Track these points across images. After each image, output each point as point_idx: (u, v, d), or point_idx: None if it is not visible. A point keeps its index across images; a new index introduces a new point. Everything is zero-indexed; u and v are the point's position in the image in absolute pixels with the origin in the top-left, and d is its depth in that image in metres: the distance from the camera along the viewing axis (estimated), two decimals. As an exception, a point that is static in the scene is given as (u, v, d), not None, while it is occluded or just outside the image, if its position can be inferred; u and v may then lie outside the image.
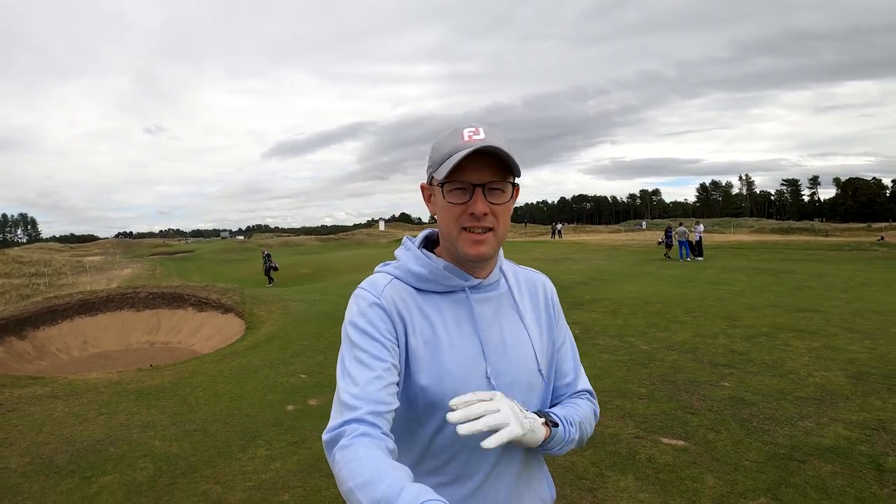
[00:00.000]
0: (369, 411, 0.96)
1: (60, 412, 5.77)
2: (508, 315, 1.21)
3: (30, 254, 44.97)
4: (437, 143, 1.16)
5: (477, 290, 1.18)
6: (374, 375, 1.01)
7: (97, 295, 14.51)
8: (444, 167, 1.07)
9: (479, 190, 1.08)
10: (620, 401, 5.13)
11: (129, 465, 4.26)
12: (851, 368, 5.78)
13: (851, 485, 3.43)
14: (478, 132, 1.10)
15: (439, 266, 1.16)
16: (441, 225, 1.15)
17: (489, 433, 0.95)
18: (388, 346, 1.06)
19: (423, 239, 1.27)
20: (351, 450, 0.89)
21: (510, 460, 1.15)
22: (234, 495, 3.66)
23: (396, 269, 1.20)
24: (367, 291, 1.14)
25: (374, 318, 1.09)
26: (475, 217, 1.08)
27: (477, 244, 1.10)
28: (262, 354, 8.27)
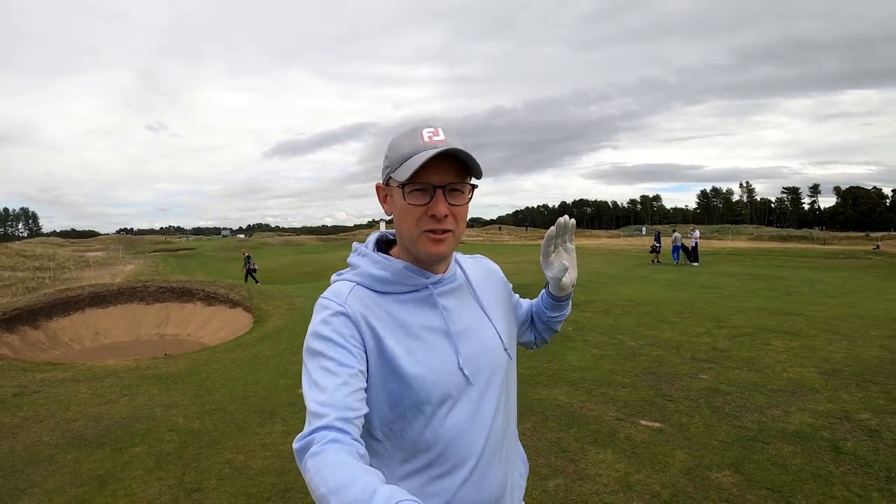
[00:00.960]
0: (338, 417, 0.96)
1: (84, 394, 6.18)
2: (469, 303, 1.26)
3: (32, 248, 45.16)
4: (394, 142, 1.16)
5: (438, 284, 1.21)
6: (340, 382, 1.01)
7: (108, 288, 14.94)
8: (406, 168, 1.08)
9: (440, 191, 1.09)
10: (605, 389, 5.53)
11: (156, 438, 4.67)
12: (825, 366, 6.14)
13: (809, 464, 3.78)
14: (437, 132, 1.11)
15: (399, 267, 1.17)
16: (400, 226, 1.17)
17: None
18: (354, 352, 1.07)
19: (374, 242, 1.29)
20: (321, 457, 0.90)
21: (496, 441, 1.20)
22: (255, 462, 4.08)
23: (357, 276, 1.20)
24: (329, 300, 1.14)
25: (339, 325, 1.09)
26: (436, 219, 1.10)
27: (437, 243, 1.13)
28: (271, 345, 8.68)
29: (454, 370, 1.14)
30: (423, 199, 1.10)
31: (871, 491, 3.41)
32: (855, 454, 3.92)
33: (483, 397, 1.18)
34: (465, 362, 1.16)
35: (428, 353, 1.13)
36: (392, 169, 1.13)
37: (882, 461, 3.80)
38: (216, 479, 3.84)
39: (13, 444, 4.66)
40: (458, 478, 1.12)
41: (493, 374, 1.21)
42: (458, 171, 1.11)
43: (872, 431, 4.31)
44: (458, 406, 1.13)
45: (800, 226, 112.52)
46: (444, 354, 1.15)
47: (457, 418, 1.13)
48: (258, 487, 3.69)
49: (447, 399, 1.12)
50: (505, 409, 1.25)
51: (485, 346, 1.21)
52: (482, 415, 1.17)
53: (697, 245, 22.30)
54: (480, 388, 1.17)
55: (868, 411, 4.74)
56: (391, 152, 1.15)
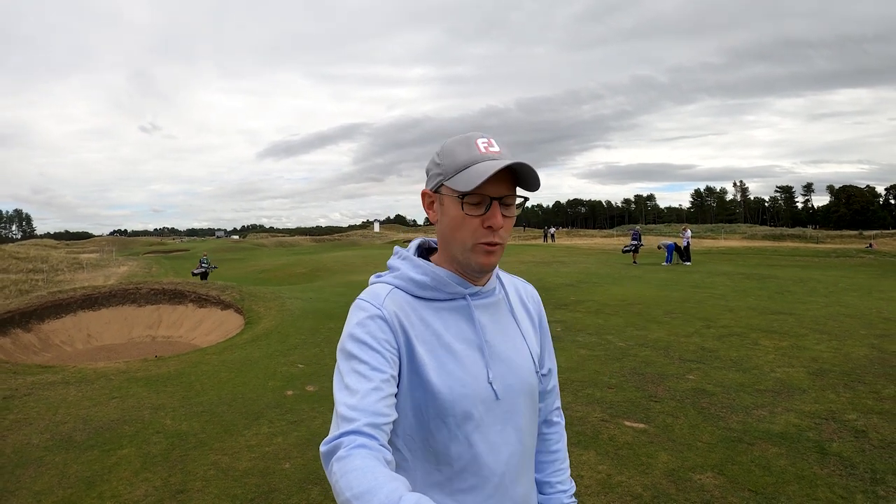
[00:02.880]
0: (367, 423, 0.95)
1: (74, 396, 6.18)
2: (506, 321, 1.24)
3: (26, 250, 44.91)
4: (446, 149, 1.15)
5: (476, 296, 1.20)
6: (371, 387, 1.01)
7: (100, 290, 14.90)
8: (467, 179, 1.07)
9: (496, 203, 1.09)
10: (591, 389, 5.57)
11: (143, 440, 4.70)
12: (813, 366, 6.15)
13: (794, 465, 3.81)
14: (491, 143, 1.12)
15: (441, 274, 1.17)
16: (452, 235, 1.15)
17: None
18: (387, 357, 1.06)
19: (416, 247, 1.29)
20: (348, 461, 0.89)
21: (520, 461, 1.19)
22: (241, 464, 4.11)
23: (396, 279, 1.19)
24: (367, 302, 1.13)
25: (375, 329, 1.08)
26: (492, 230, 1.10)
27: (489, 255, 1.12)
28: (261, 347, 8.68)
29: (483, 384, 1.13)
30: (480, 210, 1.10)
31: (855, 493, 3.43)
32: (840, 455, 3.93)
33: (510, 415, 1.17)
34: (496, 378, 1.15)
35: (458, 364, 1.12)
36: (446, 177, 1.12)
37: (867, 462, 3.81)
38: (201, 480, 3.87)
39: (2, 447, 4.68)
40: (480, 494, 1.12)
41: (523, 392, 1.20)
42: (511, 184, 1.12)
43: (859, 432, 4.32)
44: (484, 421, 1.12)
45: (793, 224, 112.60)
46: (475, 368, 1.13)
47: (482, 434, 1.12)
48: (242, 489, 3.72)
49: (473, 413, 1.11)
50: (532, 429, 1.25)
51: (517, 364, 1.20)
52: (508, 433, 1.16)
53: (689, 244, 22.38)
54: (508, 405, 1.16)
55: (855, 411, 4.76)
56: (444, 159, 1.14)
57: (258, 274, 28.22)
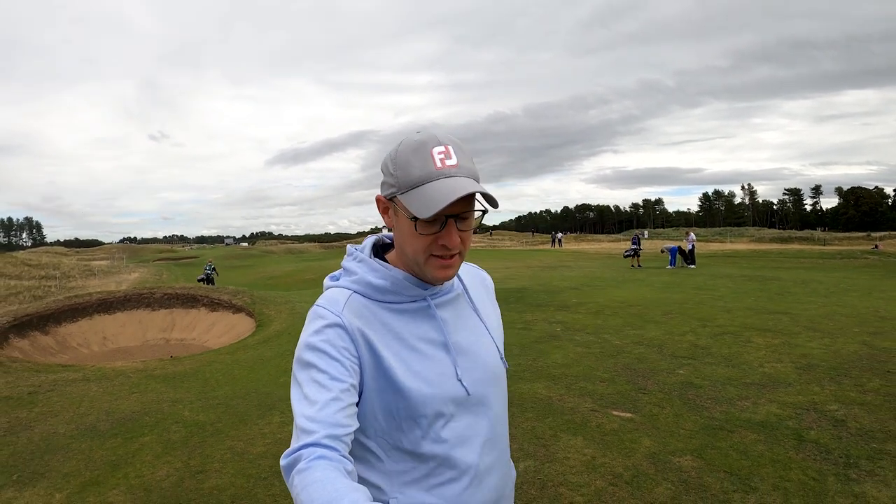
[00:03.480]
0: (326, 434, 0.95)
1: (95, 392, 6.53)
2: (467, 313, 1.25)
3: (38, 257, 45.48)
4: (400, 157, 1.08)
5: (436, 296, 1.20)
6: (331, 397, 0.99)
7: (115, 295, 15.34)
8: (421, 203, 1.03)
9: (453, 221, 1.06)
10: (584, 383, 5.83)
11: (163, 429, 5.03)
12: (802, 361, 6.33)
13: (770, 450, 4.02)
14: (448, 154, 1.06)
15: (399, 277, 1.15)
16: (405, 247, 1.13)
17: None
18: (347, 365, 1.04)
19: (371, 247, 1.26)
20: (308, 473, 0.89)
21: (492, 450, 1.20)
22: (255, 449, 4.44)
23: (354, 283, 1.17)
24: (325, 310, 1.11)
25: (333, 337, 1.06)
26: (445, 248, 1.08)
27: (445, 269, 1.11)
28: (273, 347, 9.03)
29: (452, 382, 1.13)
30: (433, 227, 1.06)
31: (827, 475, 3.61)
32: (817, 442, 4.12)
33: (481, 407, 1.18)
34: (464, 374, 1.15)
35: (425, 365, 1.12)
36: (399, 190, 1.08)
37: (843, 448, 3.99)
38: (219, 462, 4.20)
39: (31, 436, 5.01)
40: (457, 487, 1.12)
41: (492, 383, 1.21)
42: (470, 200, 1.07)
43: (838, 421, 4.50)
44: (455, 417, 1.13)
45: (802, 227, 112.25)
46: (442, 366, 1.14)
47: (454, 430, 1.13)
48: (257, 469, 4.05)
49: (444, 411, 1.12)
50: (503, 416, 1.26)
51: (482, 356, 1.21)
52: (480, 425, 1.17)
53: (694, 248, 22.58)
54: (479, 398, 1.17)
55: (837, 403, 4.92)
56: (398, 171, 1.08)
57: (267, 280, 28.65)
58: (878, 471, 3.66)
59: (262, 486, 3.80)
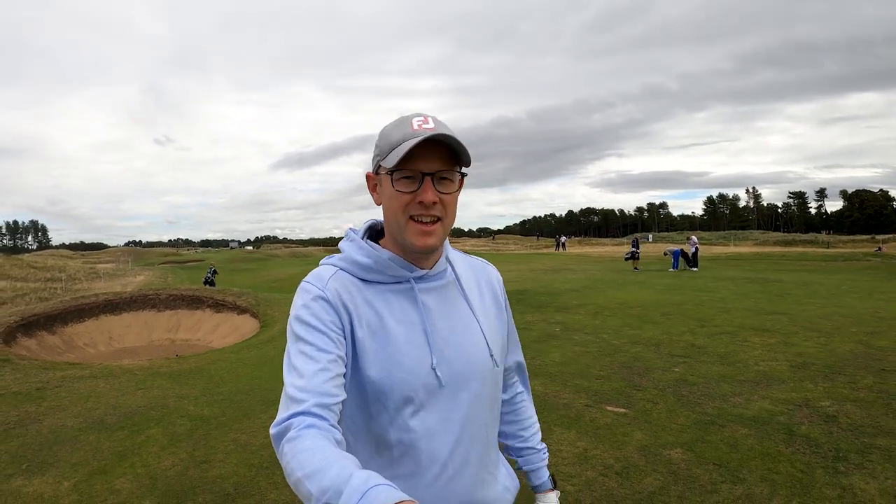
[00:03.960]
0: (315, 403, 0.96)
1: (102, 388, 6.67)
2: (456, 304, 1.22)
3: (43, 260, 45.58)
4: (384, 130, 1.14)
5: (422, 280, 1.19)
6: (319, 367, 1.01)
7: (121, 296, 15.55)
8: (394, 155, 1.07)
9: (429, 179, 1.08)
10: (580, 380, 5.94)
11: (169, 422, 5.17)
12: (797, 360, 6.43)
13: (760, 444, 4.11)
14: (427, 121, 1.09)
15: (384, 256, 1.15)
16: (387, 214, 1.15)
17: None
18: (333, 337, 1.06)
19: (366, 229, 1.27)
20: (298, 441, 0.90)
21: (467, 450, 1.17)
22: (257, 440, 4.59)
23: (342, 261, 1.19)
24: (311, 284, 1.14)
25: (319, 310, 1.09)
26: (424, 205, 1.08)
27: (425, 235, 1.11)
28: (276, 346, 9.18)
29: (426, 370, 1.11)
30: (412, 186, 1.09)
31: (815, 468, 3.68)
32: (808, 437, 4.19)
33: (456, 402, 1.14)
34: (440, 363, 1.13)
35: (399, 348, 1.11)
36: (381, 157, 1.12)
37: (833, 443, 4.06)
38: (222, 453, 4.34)
39: (40, 428, 5.16)
40: (421, 482, 1.11)
41: (473, 379, 1.17)
42: (447, 159, 1.10)
43: (829, 417, 4.57)
44: (426, 407, 1.11)
45: (807, 230, 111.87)
46: (417, 352, 1.12)
47: (423, 419, 1.11)
48: (259, 459, 4.19)
49: (413, 399, 1.10)
50: (485, 418, 1.22)
51: (466, 350, 1.17)
52: (453, 420, 1.14)
53: (697, 251, 22.68)
54: (454, 391, 1.14)
55: (829, 399, 5.00)
56: (381, 141, 1.13)
57: (272, 283, 28.73)
58: (867, 464, 3.72)
59: (263, 474, 3.93)
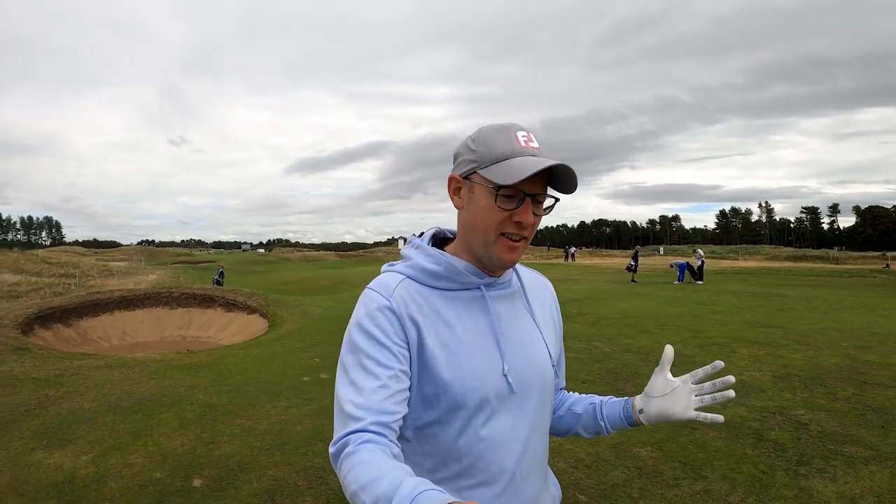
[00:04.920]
0: (374, 421, 0.95)
1: (117, 377, 7.06)
2: (521, 313, 1.21)
3: (57, 256, 45.80)
4: (484, 135, 1.11)
5: (491, 287, 1.17)
6: (378, 384, 0.99)
7: (135, 293, 15.99)
8: (507, 172, 1.04)
9: (530, 199, 1.07)
10: (567, 384, 6.12)
11: (180, 408, 5.57)
12: (781, 371, 6.59)
13: (728, 446, 4.32)
14: (531, 138, 1.09)
15: (455, 263, 1.13)
16: (475, 224, 1.11)
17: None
18: (395, 351, 1.04)
19: (431, 237, 1.25)
20: (355, 456, 0.90)
21: (532, 458, 1.16)
22: (261, 426, 4.97)
23: (408, 268, 1.16)
24: (376, 292, 1.10)
25: (383, 321, 1.06)
26: (520, 225, 1.07)
27: (512, 251, 1.09)
28: (283, 345, 9.58)
29: (497, 377, 1.10)
30: (511, 204, 1.07)
31: (777, 470, 3.87)
32: (775, 441, 4.39)
33: (524, 410, 1.14)
34: (511, 370, 1.12)
35: (471, 356, 1.09)
36: (480, 165, 1.08)
37: (799, 448, 4.25)
38: (228, 436, 4.72)
39: (59, 410, 5.55)
40: (489, 493, 1.09)
41: (538, 387, 1.17)
42: (545, 182, 1.10)
43: (801, 425, 4.75)
44: (496, 415, 1.10)
45: (819, 246, 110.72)
46: (489, 359, 1.10)
47: (494, 428, 1.09)
48: (261, 442, 4.56)
49: (485, 406, 1.08)
50: (545, 426, 1.23)
51: (532, 358, 1.17)
52: (521, 429, 1.13)
53: (703, 264, 22.87)
54: (522, 399, 1.14)
55: (805, 408, 5.16)
56: (481, 146, 1.10)
57: (282, 286, 29.20)
58: (829, 469, 3.90)
59: (264, 455, 4.30)
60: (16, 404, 5.73)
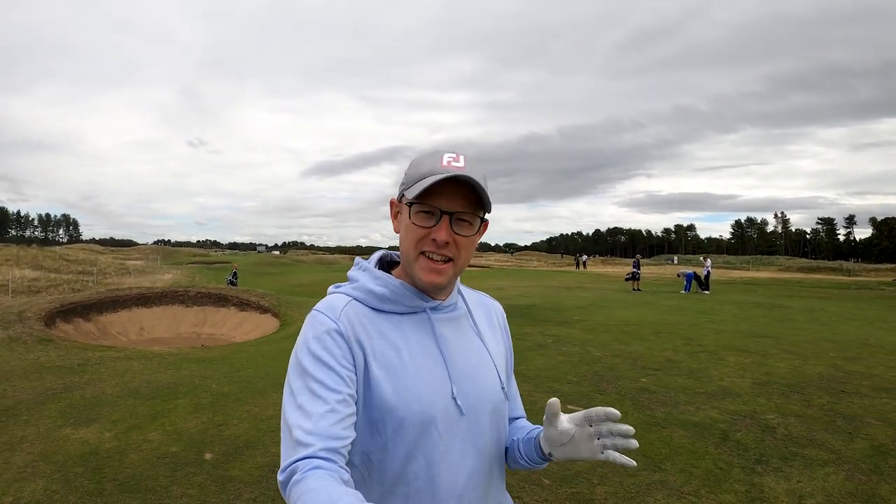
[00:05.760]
0: (323, 448, 0.93)
1: (137, 367, 7.63)
2: (469, 336, 1.20)
3: (75, 253, 46.50)
4: (414, 160, 1.13)
5: (437, 310, 1.17)
6: (327, 409, 0.97)
7: (152, 290, 16.67)
8: (416, 187, 1.05)
9: (447, 217, 1.07)
10: (553, 383, 6.62)
11: (194, 395, 6.10)
12: (763, 378, 6.77)
13: (692, 444, 4.52)
14: (458, 159, 1.08)
15: (399, 286, 1.13)
16: (402, 245, 1.14)
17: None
18: (343, 375, 1.02)
19: (377, 260, 1.26)
20: (303, 483, 0.87)
21: (483, 483, 1.15)
22: (267, 412, 5.49)
23: (355, 290, 1.16)
24: (323, 314, 1.09)
25: (331, 344, 1.04)
26: (436, 244, 1.07)
27: (433, 272, 1.09)
28: (292, 342, 9.54)
29: (446, 400, 1.09)
30: (429, 221, 1.07)
31: (734, 467, 4.07)
32: (739, 441, 4.58)
33: (473, 434, 1.12)
34: (459, 393, 1.11)
35: (418, 379, 1.08)
36: (406, 186, 1.11)
37: (761, 448, 4.44)
38: (237, 419, 5.24)
39: (83, 394, 6.14)
40: None
41: (487, 410, 1.15)
42: (470, 202, 1.09)
43: (768, 428, 4.92)
44: (444, 440, 1.08)
45: (834, 257, 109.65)
46: (436, 382, 1.09)
47: (441, 453, 1.08)
48: (267, 425, 5.08)
49: (432, 430, 1.07)
50: (497, 448, 1.20)
51: (481, 381, 1.16)
52: (468, 452, 1.11)
53: (710, 274, 23.08)
54: (471, 423, 1.12)
55: (776, 413, 5.33)
56: (410, 169, 1.13)
57: (295, 287, 29.71)
58: (786, 468, 4.09)
59: (269, 435, 4.82)
60: (43, 388, 6.30)
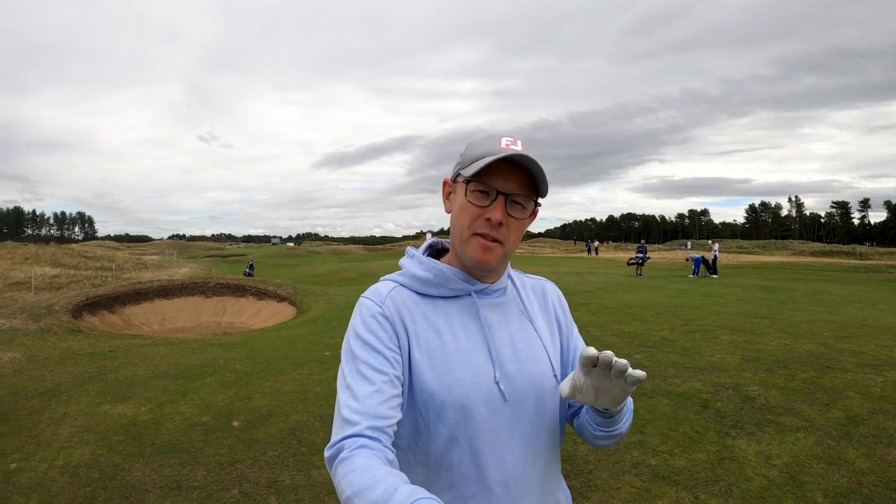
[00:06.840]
0: (369, 426, 0.95)
1: (164, 352, 8.22)
2: (518, 320, 1.18)
3: (92, 250, 47.04)
4: (472, 142, 1.14)
5: (484, 294, 1.16)
6: (374, 389, 0.99)
7: (173, 283, 17.33)
8: (474, 166, 1.06)
9: (502, 198, 1.06)
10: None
11: (220, 374, 6.69)
12: (752, 355, 6.83)
13: (674, 411, 4.81)
14: (515, 142, 1.08)
15: (445, 270, 1.14)
16: (454, 224, 1.13)
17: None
18: (389, 356, 1.04)
19: (427, 247, 1.27)
20: (349, 461, 0.89)
21: (530, 470, 1.11)
22: (287, 387, 6.07)
23: (401, 276, 1.18)
24: (369, 300, 1.12)
25: (376, 328, 1.07)
26: (490, 224, 1.07)
27: (485, 250, 1.08)
28: (309, 328, 10.74)
29: (488, 384, 1.08)
30: (484, 201, 1.07)
31: (709, 431, 4.29)
32: (718, 409, 4.80)
33: (519, 420, 1.10)
34: (503, 378, 1.09)
35: (460, 363, 1.08)
36: (462, 166, 1.12)
37: (737, 415, 4.64)
38: (260, 393, 5.82)
39: (117, 376, 6.72)
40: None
41: (535, 397, 1.12)
42: (525, 185, 1.09)
43: (748, 398, 5.10)
44: (488, 425, 1.07)
45: (849, 241, 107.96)
46: (479, 367, 1.08)
47: (485, 438, 1.06)
48: (287, 398, 5.66)
49: (475, 415, 1.06)
50: (548, 437, 1.16)
51: (529, 367, 1.13)
52: (514, 439, 1.10)
53: (716, 258, 23.28)
54: (516, 409, 1.10)
55: (759, 386, 5.49)
56: (467, 151, 1.13)
57: (310, 278, 30.25)
58: (758, 433, 4.29)
59: (290, 405, 5.39)
60: (79, 372, 6.89)
